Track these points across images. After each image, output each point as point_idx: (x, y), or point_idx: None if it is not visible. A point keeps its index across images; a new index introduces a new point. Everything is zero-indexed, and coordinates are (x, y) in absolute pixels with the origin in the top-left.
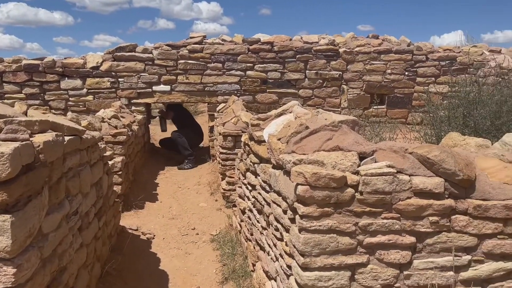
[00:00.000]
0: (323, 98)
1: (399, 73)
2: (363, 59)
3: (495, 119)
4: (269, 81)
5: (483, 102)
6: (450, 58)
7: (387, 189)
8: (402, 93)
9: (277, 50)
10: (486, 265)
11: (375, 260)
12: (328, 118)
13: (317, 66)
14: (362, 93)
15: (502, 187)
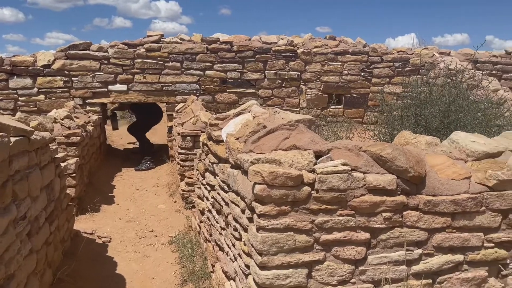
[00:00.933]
0: (282, 98)
1: (356, 73)
2: (321, 60)
3: (444, 118)
4: (228, 81)
5: (433, 101)
6: (403, 60)
7: (342, 186)
8: (358, 93)
9: (236, 50)
10: (436, 258)
11: (331, 257)
12: (285, 117)
13: (276, 66)
14: (320, 93)
15: (450, 183)
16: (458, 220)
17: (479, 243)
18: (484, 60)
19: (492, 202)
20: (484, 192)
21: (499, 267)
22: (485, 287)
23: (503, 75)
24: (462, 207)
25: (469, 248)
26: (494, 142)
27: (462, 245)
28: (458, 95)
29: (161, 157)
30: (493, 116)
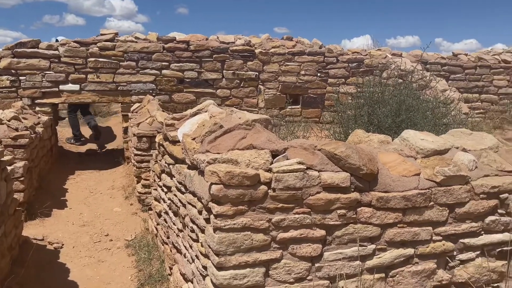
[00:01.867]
0: (241, 98)
1: (312, 74)
2: (278, 60)
3: (396, 117)
4: (186, 80)
5: (385, 101)
6: (358, 60)
7: (298, 185)
8: (315, 93)
9: (193, 49)
10: (389, 252)
11: (288, 255)
12: (242, 117)
13: (234, 66)
14: (278, 93)
15: (401, 180)
16: (409, 215)
17: (428, 237)
18: (433, 62)
19: (439, 197)
20: (432, 187)
21: (446, 259)
22: (434, 278)
23: (450, 75)
24: (413, 202)
25: (419, 241)
26: (442, 140)
27: (412, 239)
28: (408, 95)
29: (117, 158)
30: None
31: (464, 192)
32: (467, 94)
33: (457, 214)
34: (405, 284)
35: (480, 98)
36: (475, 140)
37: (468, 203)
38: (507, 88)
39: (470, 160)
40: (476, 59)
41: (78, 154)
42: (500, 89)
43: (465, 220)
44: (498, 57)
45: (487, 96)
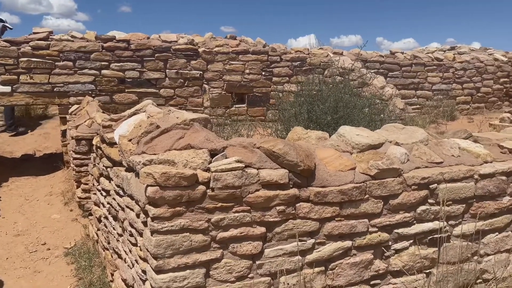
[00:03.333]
0: (185, 97)
1: (257, 73)
2: (223, 59)
3: (334, 113)
4: (127, 80)
5: (324, 99)
6: (301, 59)
7: (237, 183)
8: (260, 92)
9: (134, 48)
10: (328, 246)
11: (229, 254)
12: (180, 116)
13: (177, 65)
14: (223, 92)
15: (337, 174)
16: (346, 208)
17: (365, 229)
18: (372, 60)
19: (374, 189)
20: (367, 181)
21: (382, 249)
22: (371, 268)
23: (388, 73)
24: (349, 196)
25: (356, 234)
26: (376, 135)
27: (350, 231)
28: (346, 92)
29: (56, 163)
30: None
31: (397, 184)
32: (404, 91)
33: (391, 205)
34: (344, 276)
35: (416, 94)
36: (407, 134)
37: (401, 195)
38: (440, 84)
39: (402, 153)
40: (412, 57)
41: (13, 159)
42: (434, 86)
43: (398, 211)
44: (432, 55)
45: (423, 92)
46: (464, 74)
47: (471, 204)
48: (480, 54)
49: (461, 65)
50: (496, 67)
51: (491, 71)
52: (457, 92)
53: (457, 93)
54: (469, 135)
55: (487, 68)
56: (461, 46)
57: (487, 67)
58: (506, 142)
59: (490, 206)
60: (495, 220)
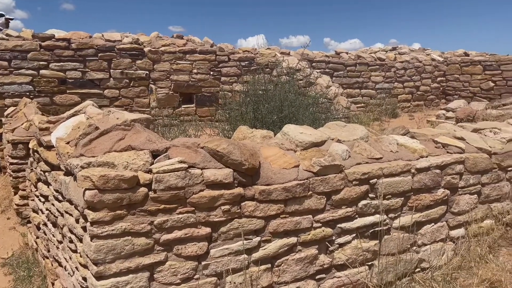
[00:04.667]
0: (131, 98)
1: (205, 72)
2: (169, 59)
3: (279, 113)
4: (68, 81)
5: (270, 98)
6: (249, 59)
7: (180, 184)
8: (209, 92)
9: (75, 47)
10: (273, 243)
11: (173, 256)
12: (120, 117)
13: (122, 65)
14: (171, 92)
15: (281, 172)
16: (290, 205)
17: (309, 225)
18: (318, 60)
19: (317, 186)
20: (310, 178)
21: (327, 244)
22: (316, 263)
23: (334, 73)
24: (293, 193)
25: (301, 230)
26: (319, 133)
27: (295, 228)
28: (291, 91)
29: None
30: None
31: (339, 180)
32: (349, 90)
33: (333, 201)
34: (290, 272)
35: (361, 93)
36: (349, 132)
37: (343, 190)
38: (383, 83)
39: (343, 150)
40: (356, 57)
41: None
42: (377, 84)
43: (341, 206)
44: (375, 55)
45: (367, 91)
46: (405, 73)
47: (408, 197)
48: (419, 55)
49: (402, 65)
50: (434, 67)
51: (429, 71)
52: (399, 90)
53: (398, 92)
54: (407, 132)
55: (426, 68)
56: (402, 46)
57: (426, 66)
58: (440, 137)
59: (426, 199)
60: (431, 211)
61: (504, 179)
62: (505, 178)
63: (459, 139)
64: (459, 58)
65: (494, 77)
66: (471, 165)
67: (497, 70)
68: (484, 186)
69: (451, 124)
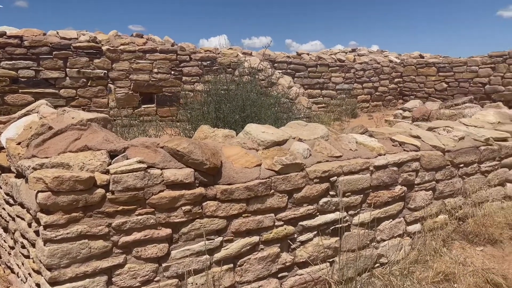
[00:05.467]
0: (89, 98)
1: (166, 72)
2: (129, 58)
3: (242, 112)
4: (21, 80)
5: (232, 98)
6: (211, 59)
7: (139, 184)
8: (170, 91)
9: (28, 45)
10: (235, 242)
11: (132, 259)
12: (76, 116)
13: (79, 64)
14: (130, 92)
15: (243, 171)
16: (252, 204)
17: (271, 223)
18: (280, 60)
19: (279, 184)
20: (272, 176)
21: (289, 242)
22: (278, 261)
23: (296, 73)
24: (255, 192)
25: (263, 229)
26: (281, 132)
27: (257, 227)
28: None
29: None
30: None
31: (300, 178)
32: (311, 90)
33: (295, 199)
34: (252, 271)
35: (322, 94)
36: (310, 131)
37: (304, 188)
38: (343, 84)
39: (304, 149)
40: (317, 58)
41: None
42: (337, 85)
43: (302, 204)
44: (335, 57)
45: (327, 91)
46: (364, 74)
47: (368, 194)
48: (377, 56)
49: (361, 66)
50: (391, 68)
51: (387, 72)
52: (358, 91)
53: (358, 92)
54: (365, 130)
55: (383, 69)
56: (361, 48)
57: (383, 68)
58: (397, 136)
59: (384, 195)
60: (389, 207)
61: (456, 176)
62: (458, 174)
63: (415, 137)
64: (415, 60)
65: (447, 79)
66: (426, 163)
67: (450, 71)
68: (439, 183)
69: (408, 123)
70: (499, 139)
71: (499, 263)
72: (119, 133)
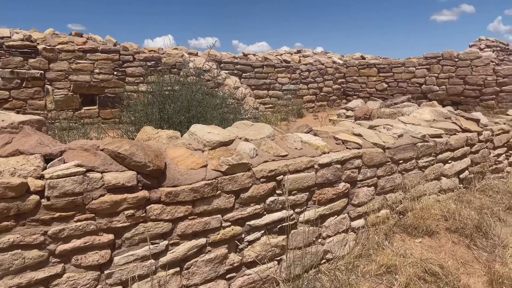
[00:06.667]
0: (24, 100)
1: (108, 72)
2: (68, 58)
3: (187, 113)
4: None
5: (176, 98)
6: (155, 59)
7: (78, 189)
8: (113, 92)
9: None
10: (182, 246)
11: (72, 267)
12: (6, 119)
13: (12, 63)
14: (70, 93)
15: (189, 173)
16: (199, 206)
17: (218, 224)
18: (227, 61)
19: (225, 185)
20: (219, 177)
21: (236, 243)
22: (226, 262)
23: (242, 74)
24: (201, 193)
25: (210, 230)
26: (227, 132)
27: (204, 228)
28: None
29: None
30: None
31: (247, 178)
32: (258, 91)
33: (242, 199)
34: (200, 274)
35: (269, 94)
36: (256, 131)
37: (251, 188)
38: (289, 84)
39: (251, 148)
40: (263, 59)
41: None
42: (283, 86)
43: (249, 203)
44: (280, 58)
45: (274, 92)
46: (309, 75)
47: (313, 192)
48: (321, 57)
49: (306, 67)
50: (335, 69)
51: (331, 73)
52: (304, 91)
53: (304, 93)
54: (310, 130)
55: (328, 70)
56: (306, 50)
57: (328, 68)
58: (340, 134)
59: (329, 192)
60: (334, 204)
61: (396, 171)
62: (397, 170)
63: (357, 135)
64: (357, 61)
65: (387, 79)
66: (368, 159)
67: (389, 72)
68: (380, 179)
69: (350, 122)
70: (435, 135)
71: (436, 253)
72: (57, 137)
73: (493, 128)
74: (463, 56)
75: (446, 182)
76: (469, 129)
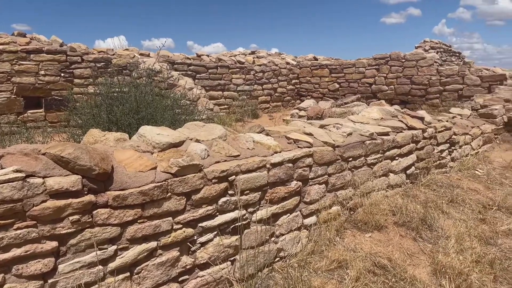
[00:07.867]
0: None
1: (55, 74)
2: (10, 59)
3: (136, 114)
4: None
5: (125, 99)
6: (105, 60)
7: (17, 196)
8: (60, 95)
9: None
10: (131, 250)
11: (12, 278)
12: None
13: None
14: (13, 96)
15: (137, 175)
16: (148, 209)
17: (169, 227)
18: (180, 62)
19: (176, 187)
20: (169, 179)
21: (188, 245)
22: (178, 265)
23: (196, 75)
24: (150, 196)
25: (161, 233)
26: (177, 133)
27: (154, 232)
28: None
29: None
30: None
31: (198, 179)
32: (212, 92)
33: (194, 200)
34: (151, 278)
35: (223, 95)
36: (208, 131)
37: (202, 189)
38: (244, 85)
39: (202, 149)
40: (217, 60)
41: None
42: (238, 87)
43: (201, 205)
44: (234, 58)
45: (229, 93)
46: (263, 76)
47: (265, 191)
48: (275, 58)
49: (260, 68)
50: (288, 70)
51: (285, 74)
52: (259, 92)
53: (258, 94)
54: (262, 130)
55: (281, 71)
56: (260, 51)
57: (281, 70)
58: (291, 134)
59: (281, 191)
60: (286, 203)
61: (346, 169)
62: (347, 168)
63: (308, 134)
64: (309, 62)
65: (339, 79)
66: (319, 158)
67: (341, 73)
68: (331, 176)
69: (302, 122)
70: (382, 133)
71: (385, 247)
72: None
73: (436, 126)
74: (409, 57)
75: (394, 178)
76: (414, 126)
